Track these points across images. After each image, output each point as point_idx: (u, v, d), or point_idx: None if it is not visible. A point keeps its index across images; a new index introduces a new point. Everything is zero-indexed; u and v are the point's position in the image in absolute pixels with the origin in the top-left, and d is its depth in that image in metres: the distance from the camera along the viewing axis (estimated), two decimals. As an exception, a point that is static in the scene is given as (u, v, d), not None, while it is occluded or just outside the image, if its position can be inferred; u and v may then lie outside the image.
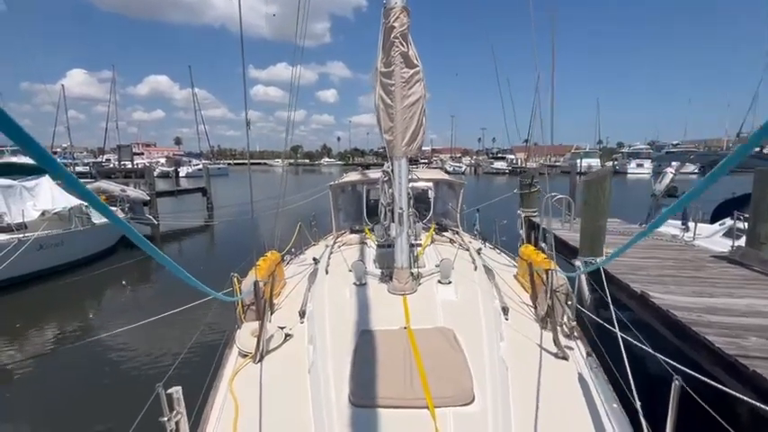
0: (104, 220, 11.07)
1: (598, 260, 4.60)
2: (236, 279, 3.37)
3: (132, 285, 9.58)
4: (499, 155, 72.78)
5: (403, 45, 3.11)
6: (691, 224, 6.85)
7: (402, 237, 3.30)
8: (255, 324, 3.12)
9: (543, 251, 4.38)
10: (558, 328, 3.09)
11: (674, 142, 66.11)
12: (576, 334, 3.15)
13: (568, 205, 7.51)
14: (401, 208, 3.24)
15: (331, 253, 4.76)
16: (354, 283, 3.46)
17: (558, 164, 61.14)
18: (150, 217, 13.69)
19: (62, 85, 40.66)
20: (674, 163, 8.51)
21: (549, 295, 3.29)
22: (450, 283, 3.43)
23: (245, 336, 3.09)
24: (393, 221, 3.31)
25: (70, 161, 37.63)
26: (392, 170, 3.26)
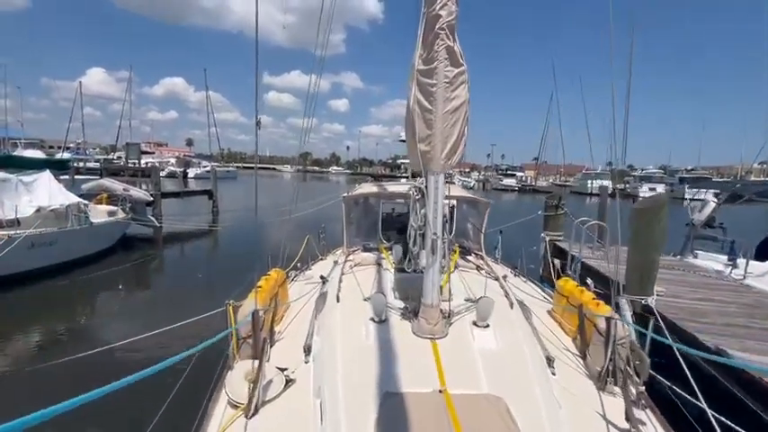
0: (103, 219, 10.67)
1: (650, 300, 3.98)
2: (230, 308, 2.80)
3: (128, 290, 9.06)
4: (509, 171, 72.23)
5: (449, 38, 2.58)
6: (740, 260, 6.20)
7: (434, 268, 2.73)
8: (250, 364, 2.55)
9: (587, 287, 3.77)
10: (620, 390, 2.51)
11: (689, 167, 65.04)
12: (644, 402, 2.54)
13: (600, 231, 6.88)
14: (435, 233, 2.67)
15: (342, 274, 4.20)
16: (372, 319, 2.88)
17: (568, 183, 60.42)
18: (152, 218, 13.22)
19: (80, 82, 41.00)
20: (710, 191, 7.88)
21: (610, 351, 2.69)
22: (487, 326, 2.84)
23: (237, 380, 2.53)
24: (424, 248, 2.74)
25: (82, 156, 37.70)
26: (426, 186, 2.70)
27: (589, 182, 49.08)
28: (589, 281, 3.70)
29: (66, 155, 37.12)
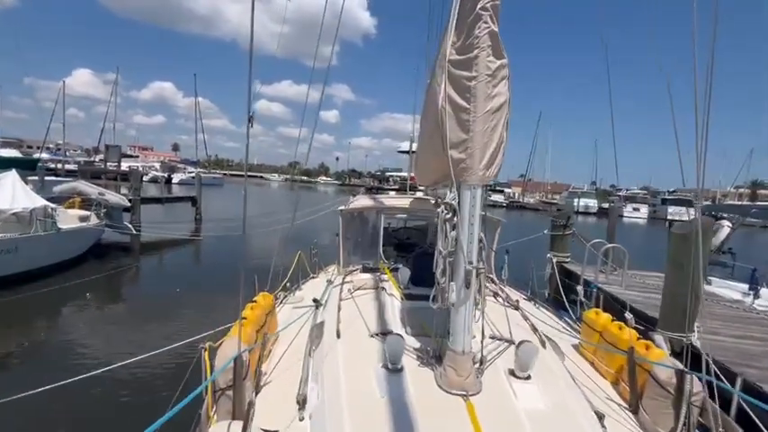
0: (72, 225, 9.82)
1: (693, 338, 3.50)
2: (206, 353, 2.19)
3: (96, 305, 8.21)
4: (497, 188, 72.68)
5: (493, 21, 2.10)
6: (764, 290, 5.84)
7: (467, 306, 2.19)
8: (228, 426, 1.95)
9: (625, 322, 3.27)
10: None
11: (671, 189, 66.57)
12: None
13: (605, 252, 6.46)
14: (470, 262, 2.14)
15: (340, 300, 3.62)
16: (386, 366, 2.31)
17: (554, 201, 60.98)
18: (129, 225, 12.35)
19: (63, 82, 39.44)
20: (723, 215, 7.59)
21: (683, 413, 2.17)
22: (528, 377, 2.30)
23: (212, 450, 1.92)
24: (454, 281, 2.20)
25: (60, 158, 36.23)
26: (458, 203, 2.18)
27: (575, 200, 49.62)
28: (628, 315, 3.19)
29: (45, 155, 35.63)
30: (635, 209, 53.17)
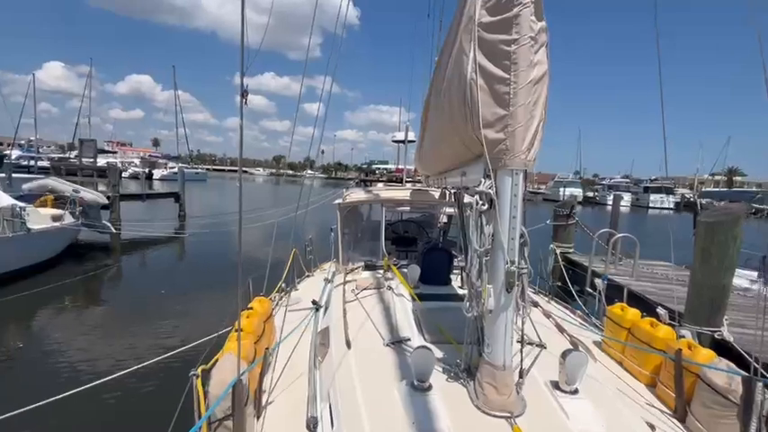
0: (44, 225, 9.17)
1: (724, 332, 3.28)
2: (198, 381, 1.82)
3: (74, 308, 7.66)
4: (485, 177, 72.58)
5: (536, -29, 1.75)
6: (774, 277, 5.71)
7: (507, 313, 1.87)
8: None
9: (658, 317, 3.02)
10: None
11: (653, 177, 68.01)
12: None
13: (613, 242, 6.25)
14: (511, 261, 1.81)
15: (345, 302, 3.29)
16: (411, 385, 1.99)
17: (541, 191, 61.50)
18: (108, 223, 11.68)
19: (33, 75, 37.57)
20: (722, 203, 7.48)
21: (754, 427, 1.91)
22: (576, 391, 2.01)
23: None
24: (491, 283, 1.88)
25: (33, 154, 34.56)
26: (495, 192, 1.84)
27: (561, 189, 50.09)
28: (661, 311, 2.93)
29: (16, 152, 33.90)
30: (617, 197, 54.20)
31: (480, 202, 1.85)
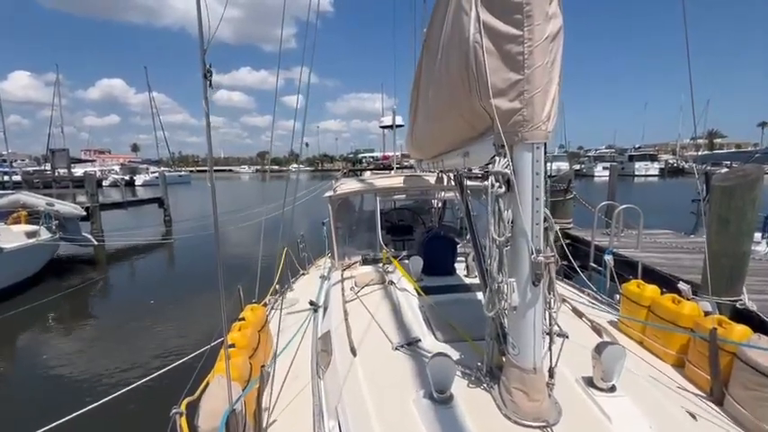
0: (17, 243, 8.67)
1: (746, 301, 3.12)
2: (182, 420, 1.55)
3: (60, 327, 7.30)
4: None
5: None
6: (774, 239, 5.64)
7: (536, 309, 1.63)
8: None
9: (680, 293, 2.83)
10: None
11: (636, 146, 68.60)
12: None
13: (616, 214, 6.08)
14: (537, 250, 1.57)
15: (345, 301, 3.04)
16: (430, 396, 1.76)
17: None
18: (88, 235, 11.17)
19: (-4, 86, 36.01)
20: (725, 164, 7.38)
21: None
22: (613, 388, 1.80)
23: None
24: (514, 276, 1.63)
25: (6, 169, 33.21)
26: (512, 170, 1.58)
27: (549, 164, 50.31)
28: (683, 286, 2.74)
29: (-14, 169, 32.57)
30: (605, 168, 54.68)
31: (497, 184, 1.59)
